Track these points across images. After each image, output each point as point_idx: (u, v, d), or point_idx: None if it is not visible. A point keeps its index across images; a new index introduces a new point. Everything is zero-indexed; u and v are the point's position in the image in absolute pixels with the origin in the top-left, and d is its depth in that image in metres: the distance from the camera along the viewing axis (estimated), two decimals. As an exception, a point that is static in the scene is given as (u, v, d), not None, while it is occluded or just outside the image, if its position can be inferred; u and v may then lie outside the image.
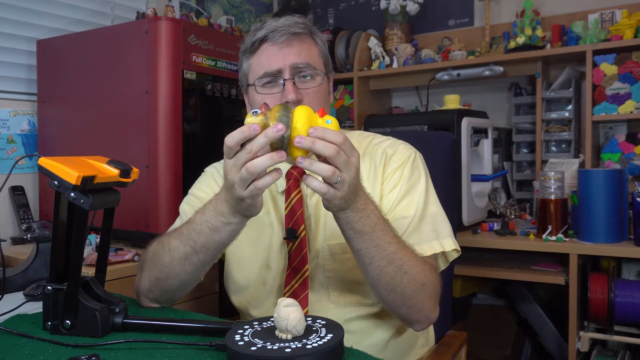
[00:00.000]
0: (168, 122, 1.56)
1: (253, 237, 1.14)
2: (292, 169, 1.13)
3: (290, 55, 1.06)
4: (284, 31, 1.05)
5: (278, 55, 1.06)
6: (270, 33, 1.06)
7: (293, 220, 1.10)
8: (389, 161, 1.12)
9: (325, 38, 1.15)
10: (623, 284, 1.81)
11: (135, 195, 1.53)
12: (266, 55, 1.07)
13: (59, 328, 0.91)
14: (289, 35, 1.06)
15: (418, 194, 1.09)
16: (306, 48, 1.08)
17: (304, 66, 1.06)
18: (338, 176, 0.81)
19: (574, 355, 1.85)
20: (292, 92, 1.04)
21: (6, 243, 1.82)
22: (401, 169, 1.11)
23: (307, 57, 1.07)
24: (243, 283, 1.16)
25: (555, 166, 2.18)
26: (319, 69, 1.09)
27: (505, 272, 1.97)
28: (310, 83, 1.08)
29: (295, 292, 1.08)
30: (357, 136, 1.20)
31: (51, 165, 0.86)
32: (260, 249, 1.14)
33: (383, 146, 1.15)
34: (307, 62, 1.07)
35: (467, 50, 2.55)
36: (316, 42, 1.11)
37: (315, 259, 1.10)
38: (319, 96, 1.08)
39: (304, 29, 1.08)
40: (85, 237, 0.95)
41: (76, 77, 1.78)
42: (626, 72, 2.09)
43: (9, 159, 1.93)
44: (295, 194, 1.11)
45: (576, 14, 2.37)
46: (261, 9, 3.08)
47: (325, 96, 1.11)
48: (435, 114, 2.22)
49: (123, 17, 2.26)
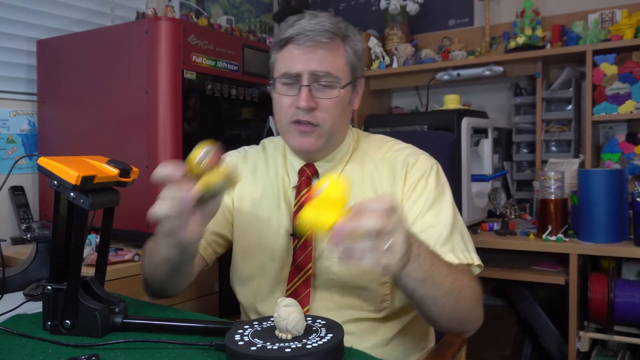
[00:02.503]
0: (168, 122, 1.56)
1: (259, 228, 1.15)
2: (305, 167, 1.14)
3: (311, 62, 1.04)
4: (310, 37, 1.03)
5: (300, 60, 1.04)
6: (297, 35, 1.04)
7: None
8: (410, 169, 1.11)
9: (360, 43, 1.12)
10: (623, 284, 1.81)
11: (135, 195, 1.52)
12: (289, 57, 1.06)
13: (58, 328, 0.91)
14: (314, 41, 1.03)
15: (446, 203, 1.09)
16: (331, 56, 1.05)
17: (324, 74, 1.04)
18: (386, 243, 0.75)
19: (574, 355, 1.85)
20: (305, 100, 1.03)
21: (6, 243, 1.82)
22: (425, 178, 1.10)
23: (329, 66, 1.05)
24: (246, 273, 1.17)
25: (555, 166, 2.18)
26: (341, 79, 1.06)
27: (505, 272, 1.97)
28: (328, 93, 1.06)
29: (297, 289, 1.09)
30: (377, 141, 1.20)
31: (51, 165, 0.86)
32: (265, 241, 1.14)
33: (404, 154, 1.14)
34: (327, 71, 1.04)
35: (467, 50, 2.55)
36: (345, 49, 1.08)
37: (320, 258, 1.10)
38: (334, 108, 1.06)
39: (333, 36, 1.05)
40: (85, 237, 0.95)
41: (76, 77, 1.77)
42: (626, 72, 2.09)
43: (9, 159, 1.93)
44: (306, 191, 1.12)
45: (576, 14, 2.37)
46: (261, 9, 3.08)
47: (343, 107, 1.09)
48: (435, 114, 2.22)
49: (123, 17, 2.26)
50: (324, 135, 1.08)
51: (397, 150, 1.16)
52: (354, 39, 1.10)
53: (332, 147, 1.13)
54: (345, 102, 1.10)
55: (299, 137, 1.08)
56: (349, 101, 1.12)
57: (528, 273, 1.94)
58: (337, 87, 1.06)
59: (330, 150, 1.13)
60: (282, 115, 1.09)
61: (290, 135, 1.09)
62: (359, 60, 1.12)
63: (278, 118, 1.12)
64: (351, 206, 0.74)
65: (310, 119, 1.05)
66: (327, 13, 1.10)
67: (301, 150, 1.11)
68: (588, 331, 1.87)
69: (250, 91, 1.84)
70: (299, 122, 1.06)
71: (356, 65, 1.11)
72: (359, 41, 1.12)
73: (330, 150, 1.14)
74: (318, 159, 1.14)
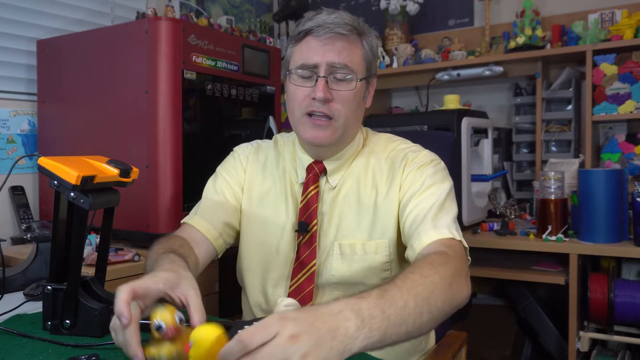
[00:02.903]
0: (168, 122, 1.56)
1: (265, 222, 1.16)
2: (314, 164, 1.14)
3: (329, 53, 1.05)
4: (330, 29, 1.05)
5: (318, 51, 1.06)
6: (317, 27, 1.06)
7: (307, 214, 1.11)
8: (409, 162, 1.12)
9: (375, 41, 1.13)
10: (623, 284, 1.81)
11: (135, 195, 1.52)
12: (307, 48, 1.07)
13: (58, 328, 0.91)
14: (333, 33, 1.05)
15: (442, 189, 1.07)
16: (348, 49, 1.06)
17: (341, 67, 1.05)
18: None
19: (574, 355, 1.85)
20: (321, 90, 1.04)
21: (6, 243, 1.82)
22: (423, 168, 1.10)
23: (346, 58, 1.06)
24: (252, 266, 1.18)
25: (555, 166, 2.18)
26: (357, 72, 1.07)
27: (505, 272, 1.97)
28: (344, 85, 1.07)
29: (300, 285, 1.09)
30: (385, 139, 1.21)
31: (51, 165, 0.86)
32: (270, 235, 1.15)
33: (406, 151, 1.15)
34: (344, 63, 1.06)
35: (467, 50, 2.55)
36: (362, 44, 1.09)
37: (324, 255, 1.10)
38: (349, 100, 1.07)
39: (352, 29, 1.07)
40: (85, 237, 0.95)
41: (76, 77, 1.77)
42: (626, 72, 2.09)
43: (9, 159, 1.93)
44: (312, 188, 1.12)
45: (576, 14, 2.37)
46: (261, 9, 3.08)
47: (357, 101, 1.10)
48: (435, 114, 2.22)
49: (123, 17, 2.26)
50: (338, 130, 1.08)
51: (401, 150, 1.16)
52: (371, 36, 1.12)
53: (343, 144, 1.14)
54: (360, 97, 1.10)
55: (312, 130, 1.08)
56: (363, 97, 1.12)
57: (528, 273, 1.94)
58: (354, 80, 1.07)
59: (341, 147, 1.14)
60: (296, 107, 1.09)
61: (303, 128, 1.09)
62: (374, 58, 1.13)
63: (291, 110, 1.12)
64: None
65: (326, 111, 1.06)
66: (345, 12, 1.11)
67: (314, 143, 1.10)
68: (588, 331, 1.87)
69: (250, 91, 1.84)
70: (313, 114, 1.07)
71: (371, 62, 1.12)
72: (375, 39, 1.13)
73: (341, 147, 1.14)
74: (327, 156, 1.14)
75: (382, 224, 1.10)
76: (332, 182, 1.14)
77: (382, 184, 1.12)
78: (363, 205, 1.11)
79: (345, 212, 1.12)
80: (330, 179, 1.14)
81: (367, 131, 1.23)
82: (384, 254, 1.09)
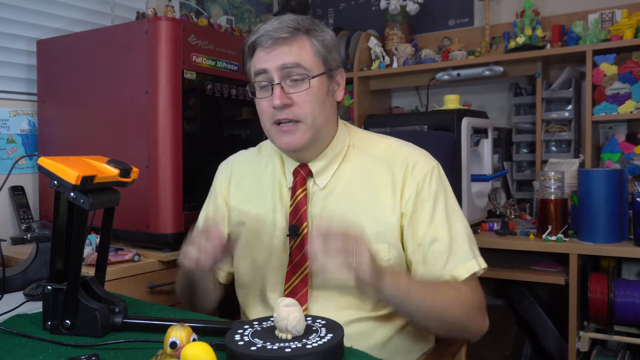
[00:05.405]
0: (168, 122, 1.56)
1: (256, 228, 1.16)
2: (299, 167, 1.14)
3: (276, 59, 1.06)
4: (270, 36, 1.05)
5: (266, 60, 1.06)
6: (259, 38, 1.07)
7: (296, 218, 1.10)
8: (410, 173, 1.11)
9: (328, 35, 1.12)
10: (623, 284, 1.81)
11: (135, 195, 1.52)
12: (257, 59, 1.08)
13: (58, 328, 0.91)
14: (275, 39, 1.05)
15: (449, 210, 1.11)
16: (295, 49, 1.06)
17: (293, 66, 1.05)
18: (354, 261, 0.90)
19: (574, 355, 1.85)
20: (278, 97, 1.05)
21: (6, 243, 1.82)
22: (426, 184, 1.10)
23: (296, 57, 1.06)
24: (245, 272, 1.18)
25: (555, 166, 2.18)
26: (310, 70, 1.06)
27: (505, 272, 1.97)
28: (300, 86, 1.06)
29: (295, 288, 1.09)
30: (375, 138, 1.20)
31: (51, 165, 0.86)
32: (262, 243, 1.15)
33: (403, 153, 1.14)
34: (295, 62, 1.05)
35: (467, 50, 2.55)
36: (311, 42, 1.08)
37: None
38: (311, 100, 1.07)
39: (294, 31, 1.06)
40: (85, 237, 0.95)
41: (76, 77, 1.77)
42: (626, 72, 2.09)
43: (9, 159, 1.93)
44: (300, 191, 1.12)
45: (576, 14, 2.37)
46: (261, 9, 3.08)
47: (321, 99, 1.09)
48: (435, 114, 2.22)
49: (123, 17, 2.26)
50: (309, 131, 1.08)
51: (396, 148, 1.15)
52: (320, 31, 1.11)
53: (321, 143, 1.13)
54: (322, 94, 1.09)
55: (283, 137, 1.08)
56: (327, 92, 1.11)
57: (528, 273, 1.94)
58: (307, 79, 1.06)
59: (320, 146, 1.13)
60: (265, 119, 1.11)
61: (274, 137, 1.10)
62: (330, 52, 1.11)
63: (262, 123, 1.13)
64: (321, 224, 0.93)
65: (289, 116, 1.06)
66: (291, 14, 1.11)
67: (289, 149, 1.11)
68: (588, 331, 1.87)
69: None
70: (280, 122, 1.07)
71: (327, 56, 1.10)
72: (327, 33, 1.12)
73: (320, 147, 1.13)
74: (309, 158, 1.14)
75: (381, 228, 1.09)
76: (320, 184, 1.13)
77: (380, 187, 1.11)
78: (359, 206, 1.11)
79: (339, 213, 1.11)
80: (317, 180, 1.13)
81: (354, 129, 1.22)
82: (384, 259, 1.08)
